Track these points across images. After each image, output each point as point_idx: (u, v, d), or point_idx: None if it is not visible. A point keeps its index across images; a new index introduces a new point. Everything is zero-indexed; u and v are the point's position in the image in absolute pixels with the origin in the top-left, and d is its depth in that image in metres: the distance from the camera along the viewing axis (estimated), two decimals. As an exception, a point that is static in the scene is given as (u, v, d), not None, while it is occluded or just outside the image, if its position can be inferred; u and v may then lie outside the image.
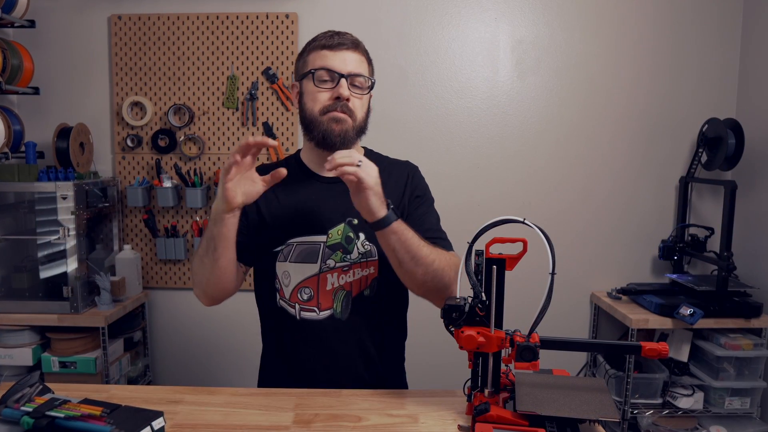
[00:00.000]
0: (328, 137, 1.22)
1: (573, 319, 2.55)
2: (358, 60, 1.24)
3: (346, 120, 1.22)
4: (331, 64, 1.21)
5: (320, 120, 1.22)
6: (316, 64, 1.22)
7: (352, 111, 1.23)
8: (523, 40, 2.44)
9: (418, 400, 1.14)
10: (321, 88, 1.22)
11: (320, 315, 1.26)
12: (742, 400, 2.18)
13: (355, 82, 1.23)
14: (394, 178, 1.31)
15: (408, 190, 1.31)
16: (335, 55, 1.22)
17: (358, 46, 1.25)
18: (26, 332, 2.18)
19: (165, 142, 2.46)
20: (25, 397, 0.99)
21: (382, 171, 1.25)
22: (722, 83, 2.44)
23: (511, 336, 0.99)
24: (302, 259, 1.26)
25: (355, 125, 1.24)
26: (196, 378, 2.60)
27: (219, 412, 1.09)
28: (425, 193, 1.34)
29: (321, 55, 1.22)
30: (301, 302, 1.26)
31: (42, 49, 2.45)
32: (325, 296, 1.26)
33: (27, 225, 2.27)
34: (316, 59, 1.23)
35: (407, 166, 1.37)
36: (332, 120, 1.21)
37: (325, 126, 1.21)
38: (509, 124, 2.47)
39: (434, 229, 1.29)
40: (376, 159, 1.32)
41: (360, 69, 1.24)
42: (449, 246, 1.28)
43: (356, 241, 1.26)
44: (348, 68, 1.22)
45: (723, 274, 2.12)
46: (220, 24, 2.43)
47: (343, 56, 1.22)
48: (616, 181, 2.49)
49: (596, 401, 0.97)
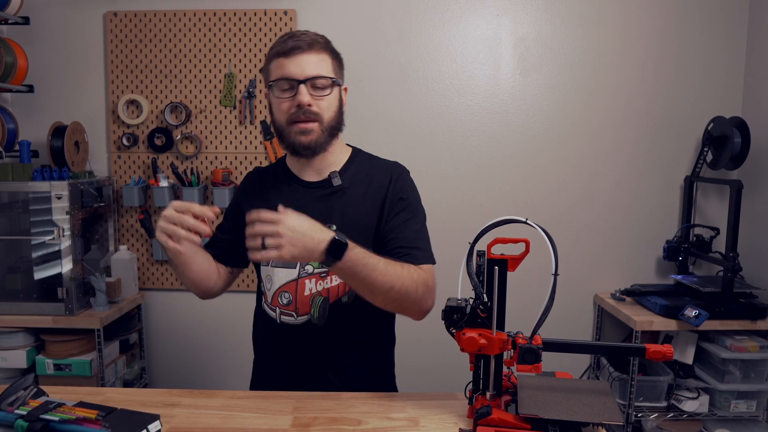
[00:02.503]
0: (298, 149, 1.23)
1: (576, 321, 2.53)
2: (316, 60, 1.20)
3: (312, 130, 1.21)
4: (288, 72, 1.19)
5: (288, 130, 1.22)
6: (274, 75, 1.21)
7: (317, 114, 1.21)
8: (526, 37, 2.42)
9: (419, 403, 1.13)
10: (283, 98, 1.21)
11: (298, 320, 1.27)
12: (748, 403, 2.16)
13: (317, 84, 1.20)
14: (375, 182, 1.28)
15: (390, 194, 1.26)
16: (290, 61, 1.19)
17: (313, 46, 1.20)
18: (20, 334, 2.16)
19: (161, 141, 2.43)
20: (19, 400, 0.98)
21: (365, 175, 1.28)
22: (728, 81, 2.42)
23: (514, 338, 0.99)
24: (282, 264, 1.27)
25: (324, 128, 1.22)
26: (193, 381, 2.58)
27: (216, 416, 1.08)
28: (409, 197, 1.29)
29: (278, 64, 1.20)
30: (281, 306, 1.28)
31: (36, 46, 2.43)
32: (303, 302, 1.26)
33: (21, 225, 2.25)
34: (275, 69, 1.21)
35: (394, 168, 1.32)
36: (299, 132, 1.21)
37: (293, 138, 1.22)
38: (511, 122, 2.45)
39: (411, 238, 1.24)
40: (362, 160, 1.32)
41: (319, 70, 1.20)
42: (425, 257, 1.24)
43: None
44: (305, 72, 1.19)
45: (729, 275, 2.10)
46: (218, 21, 2.40)
47: (298, 61, 1.19)
48: (620, 181, 2.47)
49: (600, 404, 0.97)
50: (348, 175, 1.28)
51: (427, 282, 1.18)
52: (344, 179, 1.27)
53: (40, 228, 2.15)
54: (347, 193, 1.27)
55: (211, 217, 1.12)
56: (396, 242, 1.22)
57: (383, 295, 1.12)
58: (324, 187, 1.28)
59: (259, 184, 1.36)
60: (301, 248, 1.02)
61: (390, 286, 1.11)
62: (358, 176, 1.29)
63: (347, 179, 1.27)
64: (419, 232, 1.26)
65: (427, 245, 1.26)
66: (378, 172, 1.30)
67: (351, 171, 1.29)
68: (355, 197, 1.26)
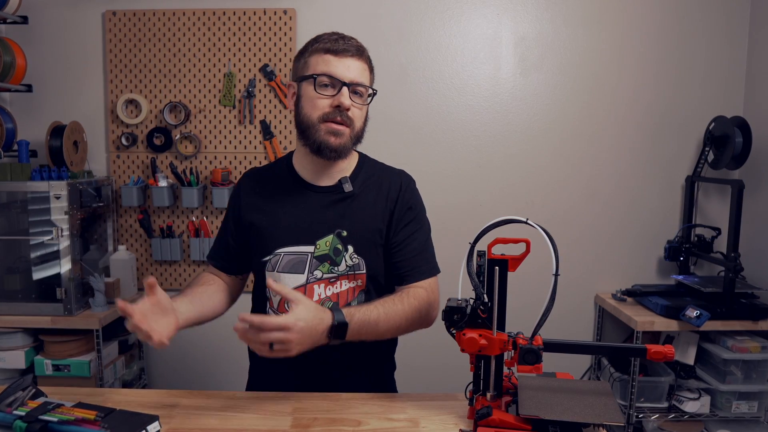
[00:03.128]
0: (324, 150, 1.20)
1: (577, 322, 2.53)
2: (361, 68, 1.22)
3: (344, 133, 1.20)
4: (334, 71, 1.18)
5: (318, 127, 1.20)
6: (318, 69, 1.19)
7: (351, 120, 1.21)
8: (526, 37, 2.41)
9: (419, 403, 1.13)
10: (321, 95, 1.19)
11: None
12: (749, 404, 2.15)
13: (357, 90, 1.21)
14: (384, 188, 1.28)
15: (399, 203, 1.27)
16: (339, 61, 1.18)
17: (362, 54, 1.22)
18: (19, 334, 2.15)
19: (160, 141, 2.42)
20: (17, 400, 0.98)
21: (374, 181, 1.28)
22: (729, 80, 2.41)
23: (514, 338, 0.98)
24: (290, 269, 1.25)
25: (352, 135, 1.22)
26: (193, 381, 2.57)
27: (216, 416, 1.08)
28: (417, 207, 1.30)
29: (324, 60, 1.19)
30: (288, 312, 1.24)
31: (35, 45, 2.42)
32: None
33: (19, 225, 2.23)
34: (318, 63, 1.19)
35: (401, 176, 1.33)
36: (330, 132, 1.19)
37: (322, 137, 1.19)
38: (512, 122, 2.44)
39: (417, 251, 1.26)
40: (370, 166, 1.32)
41: (362, 78, 1.21)
42: (429, 269, 1.27)
43: (344, 253, 1.24)
44: (351, 76, 1.19)
45: (730, 276, 2.09)
46: (217, 20, 2.39)
47: (347, 63, 1.19)
48: (621, 181, 2.46)
49: (601, 405, 0.96)
50: (358, 181, 1.28)
51: (429, 299, 1.23)
52: (354, 185, 1.26)
53: (39, 228, 2.14)
54: (357, 199, 1.26)
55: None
56: (402, 256, 1.25)
57: (394, 335, 1.20)
58: (334, 192, 1.26)
59: (261, 186, 1.33)
60: (308, 345, 1.06)
61: (396, 326, 1.17)
62: (368, 182, 1.29)
63: (357, 185, 1.27)
64: (425, 243, 1.29)
65: (432, 256, 1.29)
66: (387, 179, 1.30)
67: (360, 177, 1.29)
68: (365, 203, 1.26)
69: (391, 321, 1.15)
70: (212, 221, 2.46)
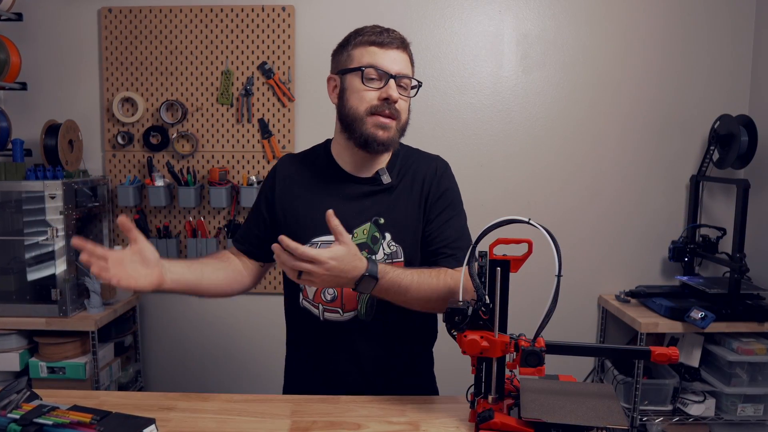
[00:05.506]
0: (371, 143, 1.20)
1: (580, 323, 2.51)
2: (406, 60, 1.22)
3: (391, 127, 1.20)
4: (381, 63, 1.18)
5: (365, 121, 1.19)
6: (364, 61, 1.19)
7: (399, 113, 1.21)
8: (529, 34, 2.39)
9: (419, 406, 1.13)
10: (369, 87, 1.19)
11: (344, 316, 1.24)
12: (755, 407, 2.14)
13: (402, 83, 1.21)
14: (420, 175, 1.28)
15: (433, 190, 1.27)
16: (385, 53, 1.19)
17: (406, 46, 1.23)
18: (13, 336, 2.14)
19: (157, 140, 2.40)
20: (12, 403, 0.97)
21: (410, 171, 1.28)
22: (734, 78, 2.39)
23: (516, 340, 0.98)
24: None
25: (399, 128, 1.22)
26: (189, 384, 2.55)
27: (213, 420, 1.07)
28: (451, 193, 1.30)
29: (369, 52, 1.19)
30: (324, 303, 1.25)
31: (29, 43, 2.40)
32: (350, 297, 1.24)
33: (14, 225, 2.22)
34: (363, 55, 1.19)
35: (437, 160, 1.33)
36: (378, 126, 1.19)
37: (370, 131, 1.19)
38: (514, 120, 2.42)
39: (453, 239, 1.25)
40: (405, 153, 1.32)
41: (407, 70, 1.22)
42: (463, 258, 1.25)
43: (382, 241, 1.24)
44: (397, 68, 1.19)
45: (735, 276, 2.08)
46: (215, 17, 2.36)
47: (393, 55, 1.19)
48: (625, 180, 2.44)
49: (604, 408, 0.96)
50: (395, 171, 1.27)
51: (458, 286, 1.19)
52: (392, 176, 1.26)
53: (34, 228, 2.12)
54: (395, 192, 1.26)
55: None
56: (438, 243, 1.24)
57: (420, 307, 1.17)
58: (373, 183, 1.26)
59: (298, 173, 1.31)
60: (333, 284, 1.07)
61: (426, 299, 1.14)
62: (404, 173, 1.28)
63: (394, 176, 1.27)
64: (462, 230, 1.28)
65: (469, 243, 1.27)
66: (422, 166, 1.30)
67: (397, 167, 1.28)
68: (402, 195, 1.26)
69: (421, 291, 1.13)
70: (209, 221, 2.44)
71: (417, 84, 1.25)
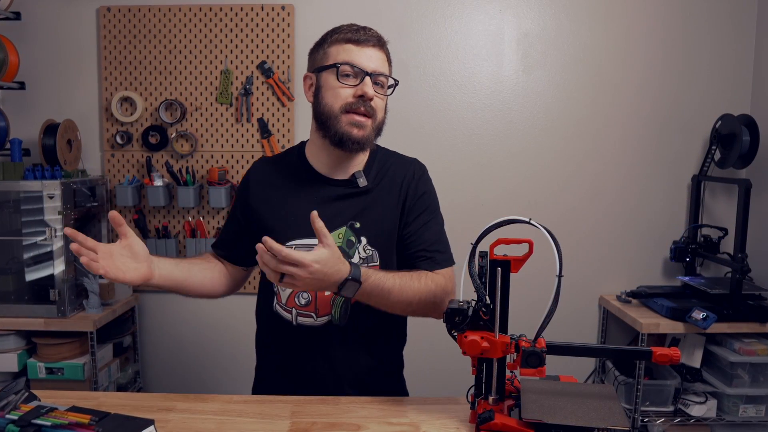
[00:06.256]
0: (346, 141, 1.18)
1: (581, 324, 2.50)
2: (382, 58, 1.22)
3: (366, 125, 1.19)
4: (357, 60, 1.17)
5: (340, 118, 1.18)
6: (340, 58, 1.18)
7: (374, 111, 1.20)
8: (529, 33, 2.38)
9: (420, 407, 1.12)
10: (344, 84, 1.18)
11: (318, 321, 1.23)
12: (757, 408, 2.13)
13: (379, 80, 1.20)
14: (398, 179, 1.27)
15: (411, 193, 1.26)
16: (361, 50, 1.18)
17: (383, 45, 1.22)
18: (11, 337, 2.13)
19: (156, 139, 2.39)
20: (10, 404, 0.97)
21: (387, 174, 1.27)
22: (736, 78, 2.38)
23: (517, 341, 0.98)
24: None
25: (374, 127, 1.21)
26: (189, 385, 2.55)
27: (212, 421, 1.07)
28: (429, 197, 1.30)
29: (345, 49, 1.18)
30: (298, 307, 1.24)
31: (28, 42, 2.39)
32: (324, 302, 1.23)
33: (12, 225, 2.21)
34: (339, 52, 1.18)
35: (413, 164, 1.32)
36: (353, 124, 1.18)
37: (345, 128, 1.18)
38: (514, 120, 2.41)
39: (431, 242, 1.25)
40: (382, 156, 1.31)
41: (383, 68, 1.21)
42: (445, 260, 1.25)
43: (357, 245, 1.23)
44: (373, 66, 1.19)
45: (737, 277, 2.07)
46: (214, 16, 2.35)
47: (369, 53, 1.19)
48: (626, 180, 2.43)
49: (605, 409, 0.96)
50: (371, 174, 1.26)
51: (446, 287, 1.20)
52: (368, 179, 1.25)
53: (32, 228, 2.11)
54: (371, 195, 1.25)
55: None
56: (417, 246, 1.23)
57: (402, 311, 1.17)
58: (348, 186, 1.25)
59: (272, 176, 1.30)
60: (316, 287, 1.05)
61: (408, 302, 1.14)
62: (381, 176, 1.27)
63: (371, 179, 1.25)
64: (439, 234, 1.28)
65: (447, 247, 1.27)
66: (399, 170, 1.29)
67: (374, 170, 1.27)
68: (379, 198, 1.25)
69: (403, 295, 1.13)
70: (209, 221, 2.43)
71: (394, 83, 1.24)
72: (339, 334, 1.23)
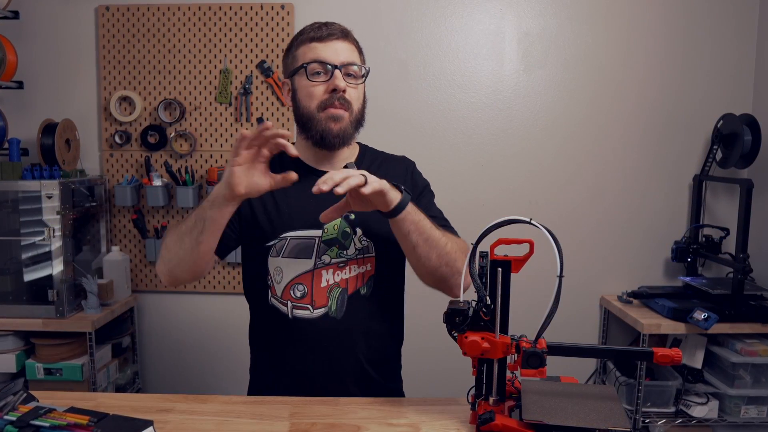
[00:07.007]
0: (327, 137, 1.20)
1: (582, 324, 2.49)
2: (349, 49, 1.22)
3: (343, 117, 1.20)
4: (323, 56, 1.19)
5: (318, 117, 1.19)
6: (307, 58, 1.20)
7: (349, 102, 1.21)
8: (530, 32, 2.37)
9: (420, 408, 1.12)
10: (315, 82, 1.19)
11: (314, 313, 1.22)
12: (759, 409, 2.12)
13: (350, 71, 1.21)
14: (392, 173, 1.28)
15: (409, 185, 1.28)
16: (326, 46, 1.19)
17: (347, 35, 1.23)
18: (9, 338, 2.13)
19: (155, 139, 2.38)
20: (8, 405, 0.97)
21: (378, 167, 1.28)
22: (738, 77, 2.37)
23: (517, 341, 0.98)
24: (296, 255, 1.22)
25: (352, 118, 1.22)
26: (188, 385, 2.54)
27: (211, 421, 1.07)
28: (427, 187, 1.34)
29: (311, 48, 1.20)
30: (293, 300, 1.23)
31: (26, 41, 2.38)
32: (320, 293, 1.22)
33: (10, 225, 2.21)
34: (306, 53, 1.20)
35: (404, 161, 1.36)
36: (330, 118, 1.19)
37: (323, 125, 1.19)
38: (515, 119, 2.40)
39: (440, 218, 1.28)
40: (372, 155, 1.33)
41: (352, 58, 1.22)
42: (457, 234, 1.27)
43: (353, 236, 1.23)
44: (341, 58, 1.19)
45: (739, 277, 2.06)
46: (213, 15, 2.35)
47: (334, 46, 1.20)
48: (627, 180, 2.42)
49: (606, 410, 0.96)
50: (363, 167, 1.25)
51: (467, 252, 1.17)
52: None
53: (30, 228, 2.11)
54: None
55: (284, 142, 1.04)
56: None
57: (438, 250, 1.12)
58: None
59: None
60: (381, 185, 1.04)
61: (444, 242, 1.13)
62: (373, 170, 1.25)
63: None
64: (444, 219, 1.29)
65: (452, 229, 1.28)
66: (391, 166, 1.31)
67: (365, 165, 1.28)
68: None
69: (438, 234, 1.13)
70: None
71: (366, 71, 1.24)
72: (335, 328, 1.22)
